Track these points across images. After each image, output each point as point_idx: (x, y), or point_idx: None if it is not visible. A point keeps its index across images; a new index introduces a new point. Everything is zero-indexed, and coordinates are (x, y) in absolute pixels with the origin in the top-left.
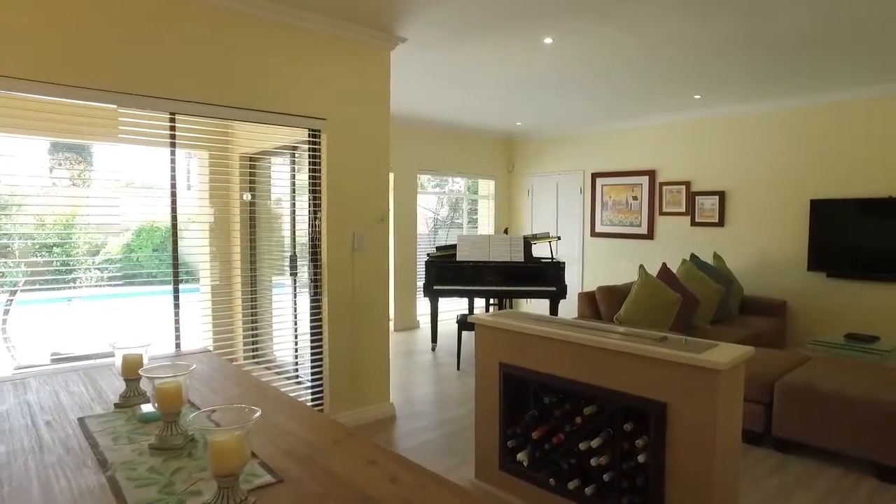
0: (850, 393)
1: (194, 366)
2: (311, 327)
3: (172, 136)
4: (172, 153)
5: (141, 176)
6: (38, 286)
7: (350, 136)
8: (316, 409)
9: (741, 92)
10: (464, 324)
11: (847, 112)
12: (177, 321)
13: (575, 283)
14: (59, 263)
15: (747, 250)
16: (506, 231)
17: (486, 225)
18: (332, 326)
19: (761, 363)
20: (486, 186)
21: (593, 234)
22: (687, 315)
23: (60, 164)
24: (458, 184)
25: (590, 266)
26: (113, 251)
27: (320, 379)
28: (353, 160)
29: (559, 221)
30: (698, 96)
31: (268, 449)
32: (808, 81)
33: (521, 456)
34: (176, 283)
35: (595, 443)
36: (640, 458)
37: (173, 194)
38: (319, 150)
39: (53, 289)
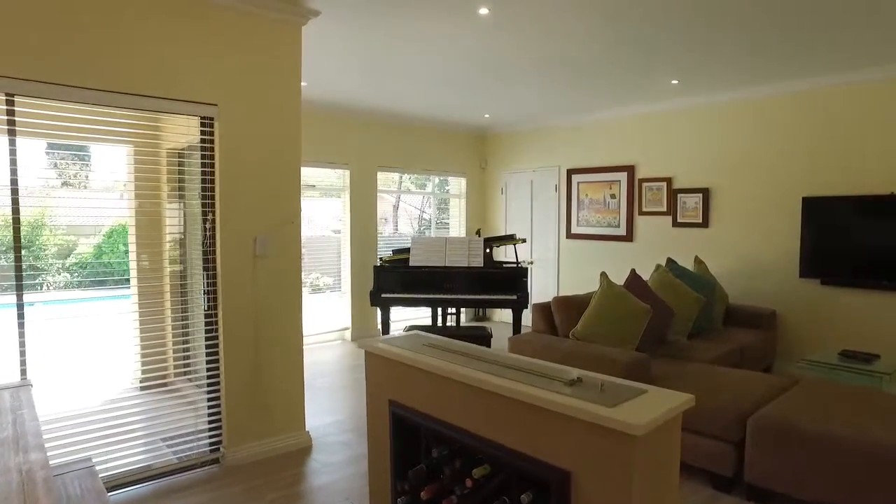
0: (838, 433)
1: None
2: (207, 346)
3: (11, 123)
4: (12, 143)
5: None
6: None
7: (251, 125)
8: (213, 440)
9: (723, 77)
10: None
11: (845, 98)
12: (21, 342)
13: (549, 288)
14: None
15: (733, 254)
16: (478, 233)
17: (458, 226)
18: (230, 345)
19: (735, 390)
20: (458, 184)
21: (569, 235)
22: (659, 328)
23: None
24: (449, 183)
25: (566, 271)
26: None
27: (217, 406)
28: (254, 153)
29: (534, 222)
30: (676, 81)
31: None
32: (801, 62)
33: None
34: (20, 295)
35: None
36: None
37: (14, 191)
38: (212, 142)
39: None
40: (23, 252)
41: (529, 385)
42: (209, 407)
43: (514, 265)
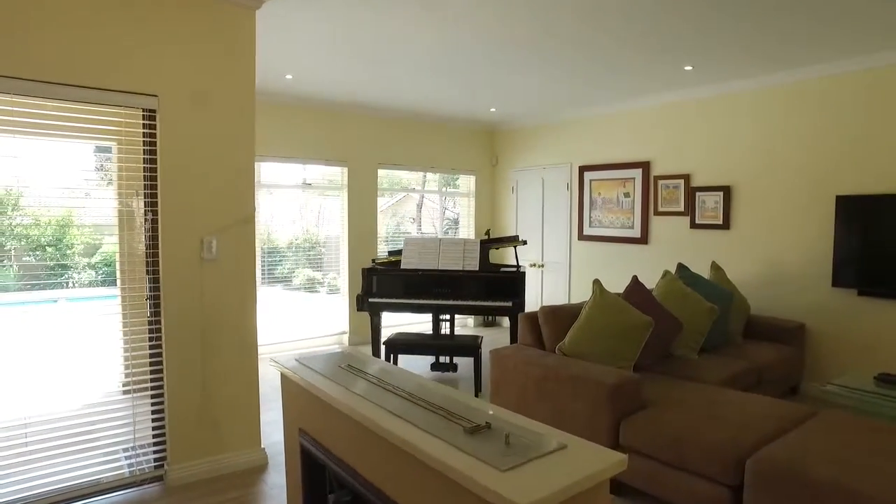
0: (855, 485)
1: None
2: (150, 355)
3: None
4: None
5: None
6: None
7: (198, 118)
8: (158, 455)
9: (743, 62)
10: (395, 345)
11: (885, 82)
12: None
13: (560, 294)
14: None
15: (757, 259)
16: (487, 233)
17: (467, 226)
18: (174, 353)
19: (739, 420)
20: (467, 183)
21: (581, 237)
22: (664, 343)
23: None
24: (458, 181)
25: (577, 274)
26: None
27: (161, 419)
28: (202, 148)
29: (545, 222)
30: (690, 67)
31: None
32: (834, 42)
33: None
34: None
35: None
36: None
37: None
38: (154, 136)
39: None
40: (48, 250)
41: (422, 430)
42: (153, 420)
43: (514, 269)
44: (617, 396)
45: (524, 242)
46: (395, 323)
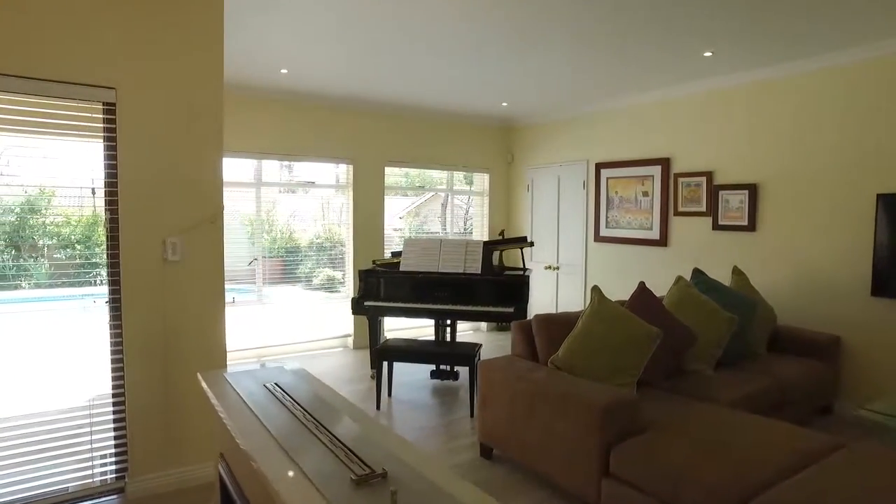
0: None
1: None
2: (112, 361)
3: None
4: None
5: None
6: None
7: (160, 112)
8: (119, 466)
9: (768, 44)
10: (386, 353)
11: None
12: None
13: (576, 298)
14: None
15: (785, 264)
16: (502, 234)
17: (481, 226)
18: (134, 360)
19: (747, 453)
20: (480, 181)
21: (598, 238)
22: (674, 356)
23: None
24: (483, 179)
25: (593, 278)
26: None
27: (123, 429)
28: (164, 144)
29: (560, 222)
30: (709, 53)
31: None
32: (874, 19)
33: None
34: None
35: None
36: None
37: None
38: (114, 131)
39: None
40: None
41: (305, 476)
42: (115, 429)
43: (520, 272)
44: (608, 419)
45: (531, 244)
46: (398, 327)
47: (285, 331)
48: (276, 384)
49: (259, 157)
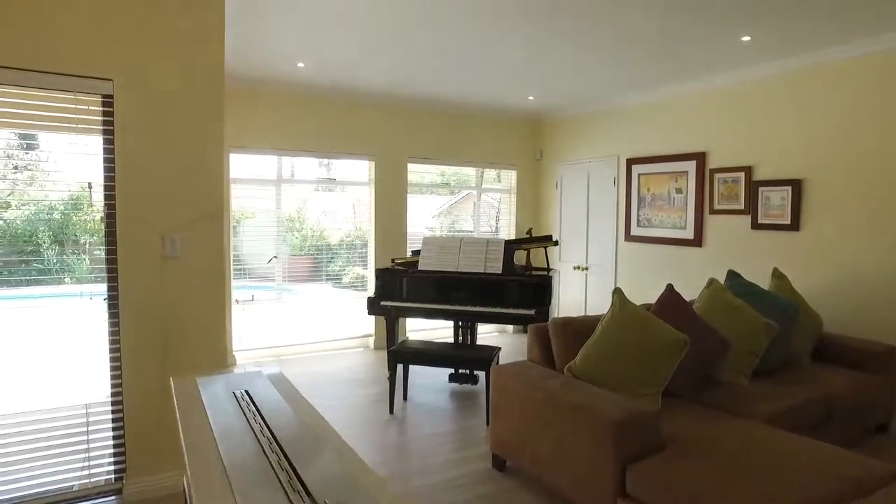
0: None
1: None
2: (110, 360)
3: None
4: None
5: None
6: None
7: (159, 104)
8: (118, 467)
9: (813, 26)
10: (400, 355)
11: None
12: None
13: (605, 300)
14: None
15: (833, 266)
16: (529, 233)
17: (507, 225)
18: (132, 359)
19: (781, 478)
20: (507, 178)
21: (628, 237)
22: (705, 365)
23: None
24: (510, 176)
25: (623, 279)
26: None
27: (121, 430)
28: (164, 137)
29: (590, 221)
30: (747, 38)
31: None
32: None
33: None
34: None
35: None
36: None
37: None
38: (112, 124)
39: None
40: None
41: None
42: (113, 430)
43: (544, 272)
44: (623, 434)
45: (556, 243)
46: (419, 327)
47: (305, 329)
48: (245, 392)
49: (279, 153)
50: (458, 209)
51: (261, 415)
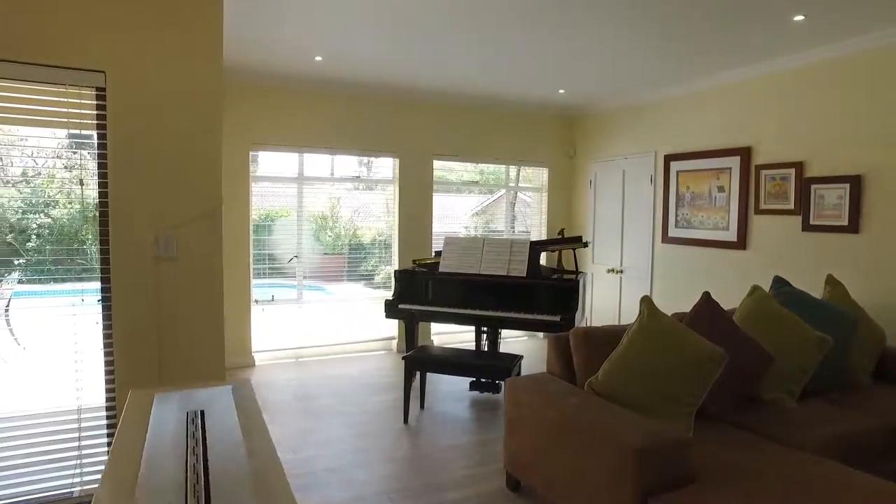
0: None
1: None
2: (105, 363)
3: None
4: None
5: None
6: None
7: (154, 98)
8: None
9: (878, 2)
10: (416, 362)
11: None
12: None
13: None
14: None
15: None
16: (561, 233)
17: (538, 224)
18: (125, 364)
19: None
20: (538, 176)
21: (665, 239)
22: (745, 382)
23: None
24: (541, 174)
25: (660, 284)
26: None
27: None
28: (158, 133)
29: (625, 221)
30: (801, 17)
31: None
32: None
33: None
34: None
35: None
36: None
37: None
38: (104, 119)
39: None
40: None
41: None
42: (108, 435)
43: (573, 275)
44: (645, 464)
45: (585, 244)
46: (442, 331)
47: (327, 330)
48: (200, 414)
49: (300, 150)
50: (494, 208)
51: (204, 443)
